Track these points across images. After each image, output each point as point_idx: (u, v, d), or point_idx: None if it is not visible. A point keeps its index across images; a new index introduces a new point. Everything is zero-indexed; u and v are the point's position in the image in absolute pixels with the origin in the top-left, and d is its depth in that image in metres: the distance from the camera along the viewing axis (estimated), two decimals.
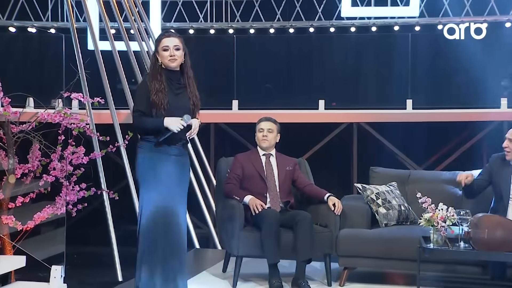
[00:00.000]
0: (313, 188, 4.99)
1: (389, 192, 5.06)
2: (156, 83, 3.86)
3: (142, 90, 3.90)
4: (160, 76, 3.89)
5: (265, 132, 4.99)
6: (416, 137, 7.96)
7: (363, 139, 7.88)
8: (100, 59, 6.30)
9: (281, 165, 5.02)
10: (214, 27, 8.54)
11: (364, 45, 8.48)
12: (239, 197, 4.78)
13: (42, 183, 4.29)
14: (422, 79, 8.07)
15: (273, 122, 5.05)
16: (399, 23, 8.38)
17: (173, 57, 3.89)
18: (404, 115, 7.75)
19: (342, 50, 8.50)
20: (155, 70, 3.91)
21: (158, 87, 3.85)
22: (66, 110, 4.34)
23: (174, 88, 3.91)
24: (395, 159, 7.82)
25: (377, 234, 4.76)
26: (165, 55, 3.90)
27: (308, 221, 4.64)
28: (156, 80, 3.87)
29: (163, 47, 3.90)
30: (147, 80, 3.92)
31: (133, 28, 6.89)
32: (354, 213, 4.90)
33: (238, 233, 4.65)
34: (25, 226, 4.19)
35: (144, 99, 3.86)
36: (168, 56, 3.89)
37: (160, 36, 3.96)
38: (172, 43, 3.90)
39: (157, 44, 3.95)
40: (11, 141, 4.20)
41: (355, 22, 8.50)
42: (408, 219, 5.01)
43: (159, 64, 3.92)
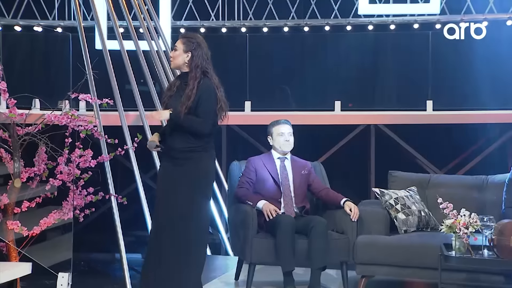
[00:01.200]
0: (329, 193, 4.98)
1: (408, 197, 5.04)
2: (169, 85, 4.17)
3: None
4: (175, 78, 4.19)
5: (286, 136, 4.99)
6: (436, 139, 7.92)
7: (381, 141, 7.85)
8: (108, 59, 6.32)
9: (296, 169, 5.01)
10: (226, 25, 8.55)
11: (382, 43, 8.45)
12: (252, 202, 4.77)
13: (48, 187, 4.31)
14: (443, 79, 8.03)
15: (290, 125, 5.06)
16: (419, 20, 8.34)
17: (171, 57, 4.12)
18: (424, 116, 7.72)
19: (359, 49, 8.47)
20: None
21: (168, 86, 4.16)
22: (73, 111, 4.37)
23: (183, 89, 3.98)
24: (415, 162, 7.79)
25: (396, 241, 4.74)
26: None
27: (323, 227, 4.63)
28: (171, 83, 4.19)
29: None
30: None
31: (142, 26, 6.92)
32: (371, 219, 4.88)
33: (251, 239, 4.64)
34: (31, 232, 4.21)
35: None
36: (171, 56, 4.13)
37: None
38: (176, 43, 4.10)
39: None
40: (16, 144, 4.23)
41: (372, 20, 8.47)
42: (428, 225, 4.99)
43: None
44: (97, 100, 4.66)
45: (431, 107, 7.78)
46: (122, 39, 6.56)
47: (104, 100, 4.53)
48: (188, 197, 3.86)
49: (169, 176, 3.93)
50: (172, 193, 3.88)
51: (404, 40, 8.30)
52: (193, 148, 3.93)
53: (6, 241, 4.20)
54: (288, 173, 4.98)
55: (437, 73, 8.02)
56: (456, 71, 8.04)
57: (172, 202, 3.86)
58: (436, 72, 8.01)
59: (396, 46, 8.36)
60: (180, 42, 4.06)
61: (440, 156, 7.92)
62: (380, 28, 8.49)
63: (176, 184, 3.89)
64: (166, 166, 3.98)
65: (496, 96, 7.80)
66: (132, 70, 6.43)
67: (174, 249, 3.84)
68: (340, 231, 4.80)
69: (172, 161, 3.94)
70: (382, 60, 8.35)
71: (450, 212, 4.26)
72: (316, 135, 7.80)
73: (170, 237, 3.86)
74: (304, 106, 7.98)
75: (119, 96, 6.18)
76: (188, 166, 3.91)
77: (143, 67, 6.57)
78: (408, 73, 8.15)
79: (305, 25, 8.61)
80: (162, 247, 3.84)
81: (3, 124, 4.26)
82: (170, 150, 3.96)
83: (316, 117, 7.79)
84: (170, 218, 3.86)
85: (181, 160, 3.92)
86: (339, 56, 8.42)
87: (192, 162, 3.92)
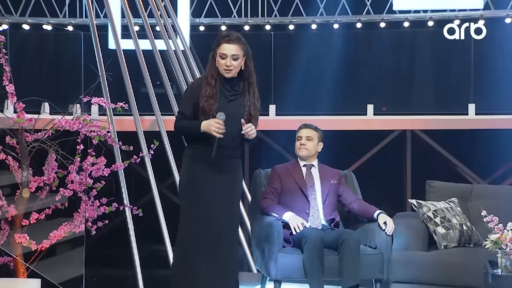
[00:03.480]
0: (361, 204, 4.95)
1: (448, 210, 5.00)
2: (209, 88, 3.91)
3: (190, 92, 4.01)
4: (215, 80, 3.94)
5: (303, 140, 4.97)
6: (479, 146, 7.85)
7: (418, 148, 7.81)
8: (122, 59, 6.38)
9: (324, 178, 4.99)
10: (249, 23, 8.59)
11: (419, 41, 8.43)
12: (277, 214, 4.76)
13: (58, 198, 4.35)
14: (487, 80, 7.97)
15: (313, 129, 5.03)
16: (460, 16, 8.29)
17: (229, 67, 3.92)
18: (466, 121, 7.67)
19: (394, 47, 8.46)
20: (211, 73, 3.96)
21: (210, 93, 3.90)
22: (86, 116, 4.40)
23: (228, 95, 3.96)
24: (455, 171, 7.73)
25: (435, 258, 4.71)
26: (221, 63, 3.92)
27: (354, 242, 4.60)
28: (209, 85, 3.92)
29: (221, 53, 3.91)
30: (200, 82, 3.98)
31: (159, 24, 6.97)
32: (408, 233, 4.86)
33: (276, 254, 4.63)
34: (40, 246, 4.24)
35: (190, 102, 3.95)
36: (224, 65, 3.92)
37: (220, 39, 3.94)
38: (230, 51, 3.90)
39: (215, 45, 3.95)
40: (25, 151, 4.27)
41: (408, 16, 8.45)
42: (471, 240, 4.95)
43: (216, 67, 3.97)
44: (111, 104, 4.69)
45: (473, 111, 7.73)
46: (137, 38, 6.61)
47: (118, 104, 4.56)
48: (238, 204, 4.24)
49: (221, 181, 4.00)
50: (228, 200, 4.05)
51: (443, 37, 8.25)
52: (238, 154, 4.07)
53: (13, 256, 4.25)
54: (315, 182, 4.96)
55: (480, 73, 7.97)
56: (501, 71, 7.98)
57: (229, 207, 4.06)
58: (479, 72, 7.96)
59: (434, 44, 8.32)
60: (241, 49, 3.93)
61: (484, 165, 7.85)
62: (417, 24, 8.46)
63: (229, 191, 4.06)
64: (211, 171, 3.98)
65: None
66: (148, 72, 6.48)
67: (232, 251, 4.09)
68: (373, 246, 4.77)
69: (218, 166, 3.98)
70: (419, 60, 8.32)
71: (495, 226, 4.22)
72: (347, 141, 7.78)
73: (228, 241, 4.05)
74: (334, 110, 7.98)
75: (134, 100, 6.23)
76: (235, 172, 4.07)
77: (160, 68, 6.62)
78: (448, 73, 8.11)
79: (334, 22, 8.61)
80: (222, 247, 4.01)
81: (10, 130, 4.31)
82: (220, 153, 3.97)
83: (347, 122, 7.77)
84: (227, 223, 4.05)
85: (228, 166, 4.02)
86: (372, 55, 8.41)
87: (238, 169, 4.10)
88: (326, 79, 8.37)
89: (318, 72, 8.41)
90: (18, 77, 4.82)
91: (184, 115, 3.94)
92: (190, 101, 3.95)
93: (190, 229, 3.94)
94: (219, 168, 3.96)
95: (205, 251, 3.95)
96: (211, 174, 3.95)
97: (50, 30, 8.65)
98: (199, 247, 3.95)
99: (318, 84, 8.34)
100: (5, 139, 4.31)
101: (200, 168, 3.94)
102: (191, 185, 3.96)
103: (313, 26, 8.66)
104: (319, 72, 8.41)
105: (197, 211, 3.94)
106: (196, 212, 3.94)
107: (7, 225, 4.28)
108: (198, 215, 3.94)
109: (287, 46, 8.55)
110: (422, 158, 7.83)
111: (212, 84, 3.92)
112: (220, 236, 3.99)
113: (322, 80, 8.38)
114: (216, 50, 3.94)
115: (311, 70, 8.41)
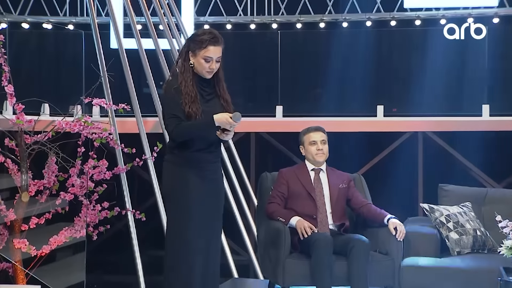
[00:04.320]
0: (371, 209, 4.95)
1: (462, 214, 4.99)
2: (189, 90, 3.87)
3: (173, 96, 3.87)
4: (192, 81, 3.90)
5: (319, 144, 4.97)
6: (494, 148, 7.82)
7: (430, 151, 7.79)
8: (124, 59, 6.39)
9: (333, 182, 4.99)
10: (255, 21, 8.59)
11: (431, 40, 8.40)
12: (284, 219, 4.77)
13: (59, 202, 4.36)
14: (502, 80, 7.95)
15: (323, 131, 5.04)
16: (474, 14, 8.27)
17: (212, 70, 3.91)
18: (480, 122, 7.64)
19: (405, 46, 8.45)
20: (187, 73, 3.90)
21: (192, 97, 3.86)
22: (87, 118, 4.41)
23: (204, 94, 3.94)
24: (469, 175, 7.71)
25: (447, 264, 4.70)
26: (204, 66, 3.89)
27: (364, 247, 4.60)
28: (189, 87, 3.87)
29: (206, 57, 3.88)
30: (177, 85, 3.89)
31: (162, 23, 6.98)
32: (420, 239, 4.85)
33: (284, 260, 4.63)
34: (39, 252, 4.26)
35: (178, 103, 3.85)
36: (208, 68, 3.90)
37: (206, 42, 3.88)
38: (216, 54, 3.89)
39: (198, 47, 3.88)
40: (24, 154, 4.29)
41: (420, 14, 8.43)
42: (485, 246, 4.94)
43: (191, 66, 3.93)
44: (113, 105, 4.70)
45: (487, 112, 7.70)
46: (140, 37, 6.62)
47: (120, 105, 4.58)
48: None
49: (218, 187, 4.06)
50: (220, 205, 4.09)
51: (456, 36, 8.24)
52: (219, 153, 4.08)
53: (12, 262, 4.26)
54: (324, 187, 4.96)
55: (494, 73, 7.94)
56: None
57: (219, 214, 4.09)
58: (494, 72, 7.94)
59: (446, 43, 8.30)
60: (222, 49, 3.92)
61: (498, 168, 7.83)
62: (429, 23, 8.45)
63: (222, 196, 4.12)
64: (211, 177, 4.00)
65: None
66: (151, 72, 6.49)
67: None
68: (383, 252, 4.77)
69: (215, 172, 4.02)
70: (431, 59, 8.29)
71: (510, 231, 4.20)
72: (356, 143, 7.77)
73: (219, 244, 4.13)
74: (342, 111, 7.96)
75: (137, 101, 6.24)
76: (221, 178, 4.10)
77: (163, 68, 6.63)
78: (461, 73, 8.09)
79: (343, 21, 8.61)
80: (217, 250, 4.07)
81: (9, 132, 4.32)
82: (216, 160, 4.03)
83: (356, 124, 7.76)
84: (218, 230, 4.09)
85: (219, 171, 4.07)
86: (382, 55, 8.40)
87: (221, 171, 4.11)
88: (335, 79, 8.36)
89: (326, 72, 8.40)
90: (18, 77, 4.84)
91: (180, 118, 3.84)
92: (177, 105, 3.84)
93: (189, 233, 3.87)
94: (209, 172, 3.95)
95: (205, 253, 3.95)
96: (203, 177, 3.92)
97: (50, 29, 8.67)
98: (199, 249, 3.92)
99: (326, 84, 8.33)
100: (4, 141, 4.33)
101: (193, 172, 3.88)
102: (187, 190, 3.89)
103: (321, 24, 8.66)
104: (327, 72, 8.40)
105: (195, 215, 3.89)
106: (195, 216, 3.89)
107: (6, 230, 4.30)
108: (195, 220, 3.89)
109: (295, 45, 8.55)
110: (434, 160, 7.81)
111: (191, 85, 3.88)
112: (216, 238, 4.02)
113: (330, 80, 8.37)
114: (197, 51, 3.88)
115: (319, 70, 8.41)
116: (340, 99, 8.21)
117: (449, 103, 8.10)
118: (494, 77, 7.95)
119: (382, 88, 8.26)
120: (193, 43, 3.91)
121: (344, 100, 8.22)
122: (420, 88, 8.25)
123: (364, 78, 8.30)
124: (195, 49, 3.88)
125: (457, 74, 8.16)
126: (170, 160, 3.93)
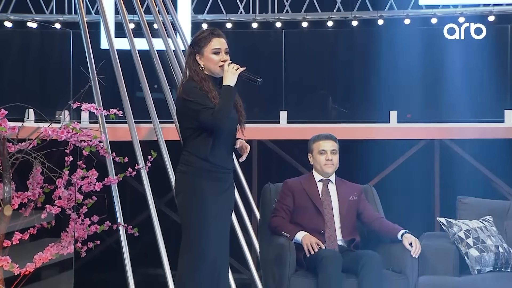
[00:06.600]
0: (383, 223, 4.95)
1: (482, 229, 4.99)
2: (210, 88, 3.95)
3: (199, 91, 3.93)
4: (208, 81, 3.97)
5: (328, 154, 4.97)
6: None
7: (448, 160, 7.80)
8: (116, 60, 6.41)
9: (342, 194, 4.99)
10: (257, 20, 8.61)
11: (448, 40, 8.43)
12: (289, 234, 4.77)
13: (44, 216, 4.36)
14: None
15: (335, 140, 5.04)
16: (495, 12, 8.29)
17: (225, 61, 3.97)
18: (502, 129, 7.65)
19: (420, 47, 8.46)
20: (201, 78, 3.97)
21: (213, 91, 3.95)
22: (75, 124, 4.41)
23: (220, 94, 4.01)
24: (490, 186, 7.71)
25: (467, 284, 4.70)
26: (215, 60, 3.96)
27: (376, 265, 4.60)
28: (209, 86, 3.95)
29: (214, 49, 3.95)
30: (197, 86, 3.95)
31: (157, 22, 6.99)
32: (436, 256, 4.84)
33: (289, 278, 4.63)
34: (23, 270, 4.25)
35: (206, 97, 3.92)
36: (219, 61, 3.96)
37: (209, 36, 3.98)
38: (223, 45, 3.97)
39: (202, 44, 3.98)
40: (7, 163, 4.29)
41: (437, 12, 8.45)
42: (508, 264, 4.93)
43: (202, 69, 3.99)
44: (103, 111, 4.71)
45: (510, 118, 7.71)
46: (132, 36, 6.64)
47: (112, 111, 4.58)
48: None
49: (231, 196, 4.20)
50: (230, 216, 4.31)
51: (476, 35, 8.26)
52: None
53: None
54: (332, 199, 4.96)
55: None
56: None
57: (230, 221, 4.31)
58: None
59: (466, 43, 8.32)
60: (226, 42, 4.02)
61: None
62: (446, 21, 8.46)
63: (231, 206, 4.28)
64: (226, 187, 4.12)
65: None
66: (145, 74, 6.50)
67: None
68: (397, 270, 4.77)
69: (228, 180, 4.13)
70: (449, 61, 8.31)
71: None
72: (367, 152, 7.78)
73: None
74: (353, 117, 7.98)
75: (129, 106, 6.25)
76: (233, 185, 4.23)
77: (158, 70, 6.64)
78: (482, 75, 8.10)
79: (353, 19, 8.63)
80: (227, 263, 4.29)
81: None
82: (231, 167, 4.14)
83: (367, 131, 7.77)
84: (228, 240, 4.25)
85: (231, 179, 4.19)
86: (394, 56, 8.41)
87: (233, 182, 4.24)
88: (343, 82, 8.38)
89: (334, 75, 8.41)
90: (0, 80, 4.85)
91: (213, 108, 3.89)
92: (206, 98, 3.91)
93: (211, 246, 4.04)
94: (224, 183, 4.08)
95: (224, 266, 4.17)
96: (220, 190, 4.05)
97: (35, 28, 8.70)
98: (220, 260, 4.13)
99: (334, 88, 8.35)
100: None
101: (209, 183, 4.00)
102: (206, 202, 4.00)
103: (329, 23, 8.69)
104: (336, 75, 8.42)
105: (215, 228, 4.05)
106: (215, 229, 4.04)
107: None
108: (216, 233, 4.06)
109: (300, 45, 8.56)
110: (452, 171, 7.81)
111: (211, 86, 3.97)
112: (227, 250, 4.21)
113: (338, 83, 8.39)
114: (203, 49, 3.97)
115: (326, 73, 8.42)
116: (349, 104, 8.23)
117: (468, 109, 8.11)
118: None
119: (396, 92, 8.26)
120: (195, 44, 4.03)
121: (353, 105, 8.24)
122: (436, 92, 8.27)
123: (376, 81, 8.31)
124: (200, 48, 3.99)
125: (477, 76, 8.17)
126: (185, 171, 4.02)
